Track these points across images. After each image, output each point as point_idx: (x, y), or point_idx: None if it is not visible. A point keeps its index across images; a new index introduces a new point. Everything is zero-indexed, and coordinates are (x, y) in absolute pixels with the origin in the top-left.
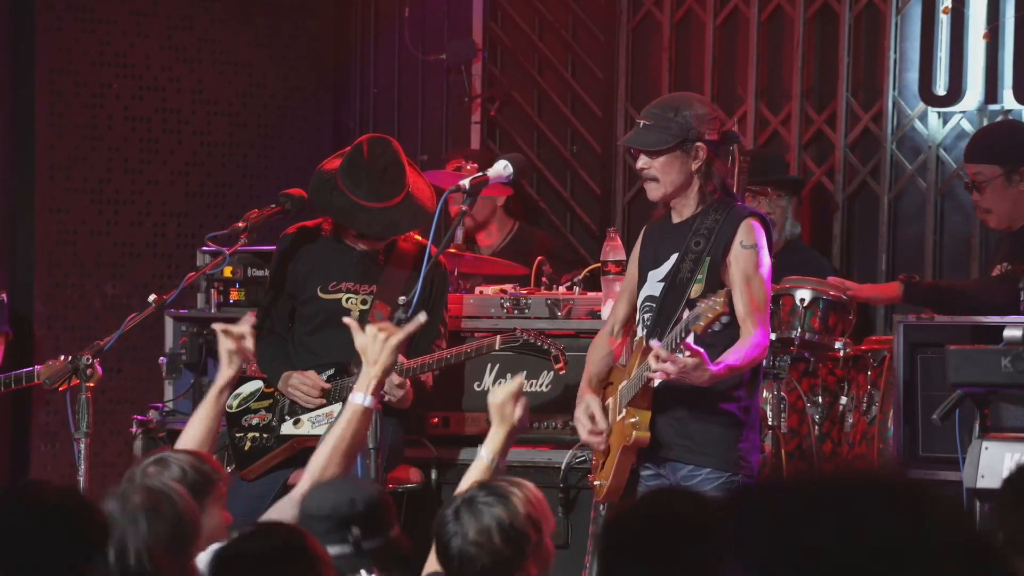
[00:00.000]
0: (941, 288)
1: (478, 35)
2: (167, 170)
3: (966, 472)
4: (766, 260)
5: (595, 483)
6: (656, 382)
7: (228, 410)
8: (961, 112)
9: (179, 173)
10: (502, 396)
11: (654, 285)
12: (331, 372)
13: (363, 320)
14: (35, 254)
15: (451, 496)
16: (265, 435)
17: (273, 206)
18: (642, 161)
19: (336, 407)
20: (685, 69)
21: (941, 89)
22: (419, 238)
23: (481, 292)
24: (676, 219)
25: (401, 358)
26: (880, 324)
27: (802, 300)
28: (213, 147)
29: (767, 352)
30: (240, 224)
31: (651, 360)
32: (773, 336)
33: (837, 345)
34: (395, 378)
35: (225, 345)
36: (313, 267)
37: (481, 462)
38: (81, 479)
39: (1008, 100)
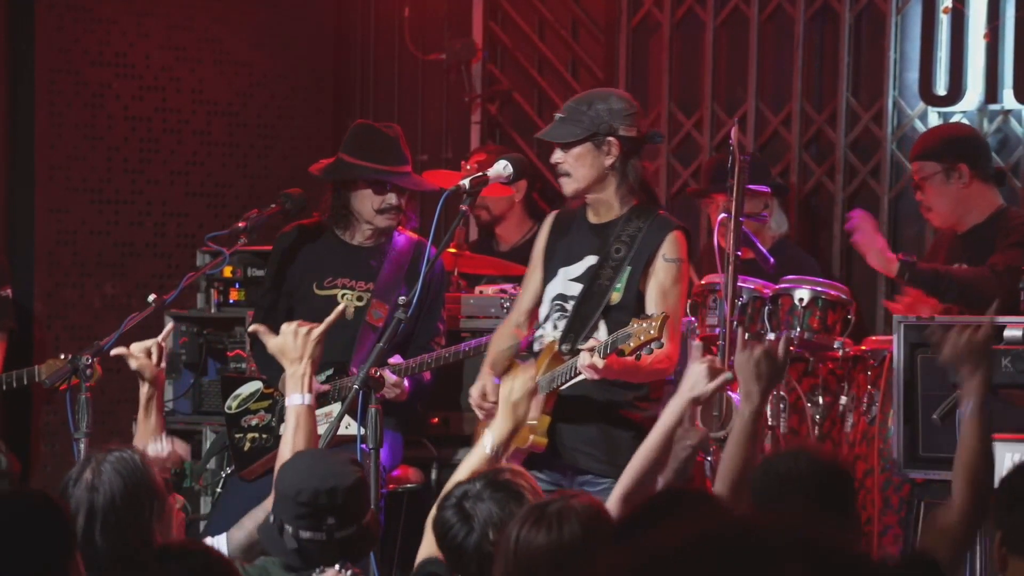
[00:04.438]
0: (939, 273)
1: (478, 35)
2: (167, 170)
3: None
4: (686, 274)
5: None
6: (565, 387)
7: (227, 410)
8: (961, 112)
9: (179, 173)
10: (518, 393)
11: (567, 284)
12: (329, 372)
13: (359, 318)
14: (35, 254)
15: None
16: (264, 435)
17: (273, 206)
18: (556, 155)
19: (335, 407)
20: (685, 69)
21: (941, 89)
22: (415, 235)
23: (481, 292)
24: (594, 219)
25: (399, 358)
26: (880, 324)
27: (801, 300)
28: (213, 147)
29: (674, 367)
30: (240, 224)
31: (585, 356)
32: (772, 336)
33: (836, 344)
34: (392, 377)
35: (132, 364)
36: (309, 264)
37: (483, 451)
38: None
39: (1008, 100)
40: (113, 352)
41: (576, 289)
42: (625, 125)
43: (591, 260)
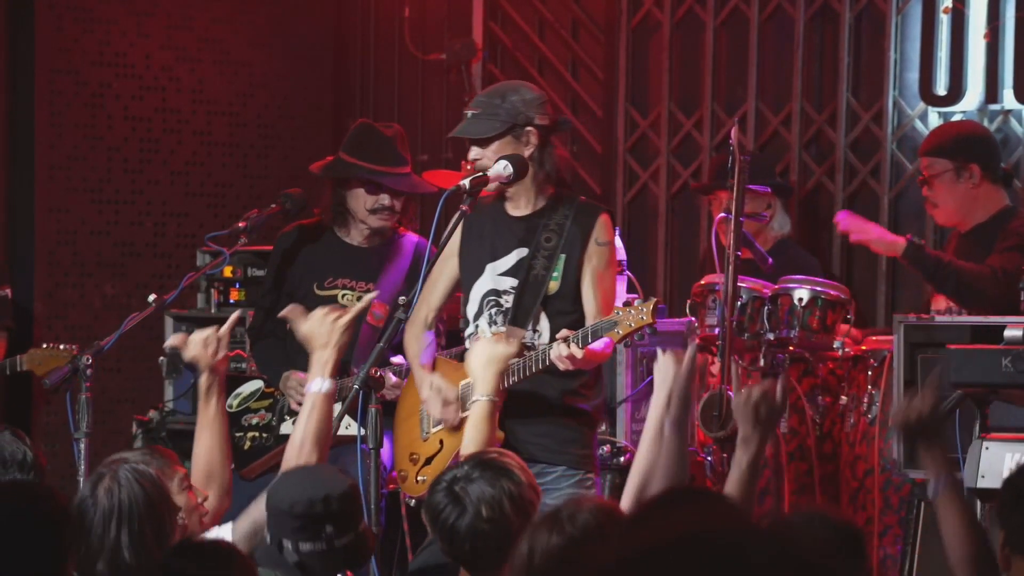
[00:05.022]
0: (941, 261)
1: (478, 35)
2: (167, 170)
3: (967, 472)
4: (616, 257)
5: (418, 479)
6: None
7: (228, 410)
8: (961, 112)
9: (179, 173)
10: (491, 336)
11: (496, 279)
12: None
13: (360, 319)
14: (35, 254)
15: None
16: (265, 434)
17: (273, 206)
18: (474, 152)
19: (335, 407)
20: (685, 69)
21: (941, 89)
22: (416, 235)
23: None
24: (514, 211)
25: (401, 359)
26: (880, 324)
27: (800, 300)
28: (213, 147)
29: (613, 349)
30: (240, 224)
31: (561, 348)
32: (771, 336)
33: (835, 344)
34: (392, 378)
35: (185, 355)
36: (309, 264)
37: (480, 405)
38: (81, 479)
39: (1008, 100)
40: (168, 344)
41: (507, 283)
42: (540, 114)
43: (521, 252)
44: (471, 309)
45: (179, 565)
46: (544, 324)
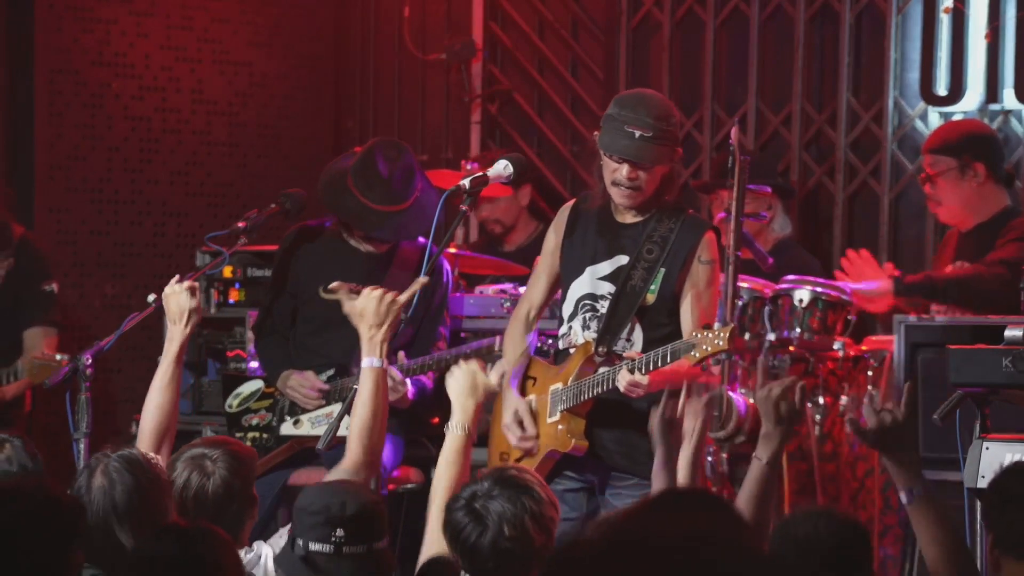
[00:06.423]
0: (932, 279)
1: (478, 35)
2: (167, 170)
3: (967, 472)
4: (718, 275)
5: None
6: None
7: (228, 410)
8: (962, 112)
9: (179, 173)
10: (471, 366)
11: (595, 283)
12: (331, 372)
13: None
14: None
15: (454, 496)
16: (265, 435)
17: (273, 206)
18: (629, 171)
19: (335, 407)
20: (685, 69)
21: (942, 89)
22: (424, 239)
23: (481, 292)
24: (620, 218)
25: (402, 356)
26: (880, 324)
27: (800, 300)
28: (213, 147)
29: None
30: (240, 224)
31: (626, 376)
32: (772, 336)
33: (836, 345)
34: (396, 374)
35: (187, 303)
36: (316, 267)
37: (455, 435)
38: None
39: (1009, 100)
40: (185, 284)
41: (605, 288)
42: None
43: (621, 260)
44: (567, 309)
45: (159, 548)
46: (638, 334)
